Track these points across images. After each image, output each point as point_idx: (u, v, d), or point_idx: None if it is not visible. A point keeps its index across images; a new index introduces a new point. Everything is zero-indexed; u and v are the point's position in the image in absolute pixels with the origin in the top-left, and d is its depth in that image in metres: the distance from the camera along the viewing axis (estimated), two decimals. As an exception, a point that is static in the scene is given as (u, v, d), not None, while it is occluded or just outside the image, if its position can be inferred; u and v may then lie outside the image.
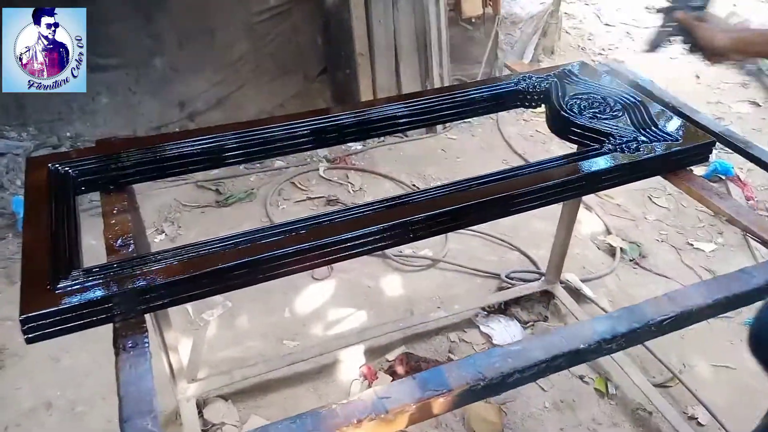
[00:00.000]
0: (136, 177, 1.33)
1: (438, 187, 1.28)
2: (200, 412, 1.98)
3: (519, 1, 4.20)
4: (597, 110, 1.54)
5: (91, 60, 3.15)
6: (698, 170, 3.17)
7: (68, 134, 3.32)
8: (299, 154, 3.38)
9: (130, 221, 1.20)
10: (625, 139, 1.41)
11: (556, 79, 1.67)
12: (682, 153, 1.41)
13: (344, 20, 3.46)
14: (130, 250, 1.12)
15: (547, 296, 2.47)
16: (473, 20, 4.02)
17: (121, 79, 3.31)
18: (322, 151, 3.48)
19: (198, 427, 1.91)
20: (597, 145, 1.42)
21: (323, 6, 3.69)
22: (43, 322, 0.93)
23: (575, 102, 1.57)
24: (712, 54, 1.29)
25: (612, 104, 1.56)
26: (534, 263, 2.71)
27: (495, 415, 2.02)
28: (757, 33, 1.23)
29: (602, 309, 2.47)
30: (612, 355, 2.13)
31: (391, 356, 2.24)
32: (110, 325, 0.99)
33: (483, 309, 2.44)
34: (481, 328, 2.37)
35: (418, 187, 3.21)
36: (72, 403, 2.06)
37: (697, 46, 1.32)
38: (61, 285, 0.97)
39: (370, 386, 2.10)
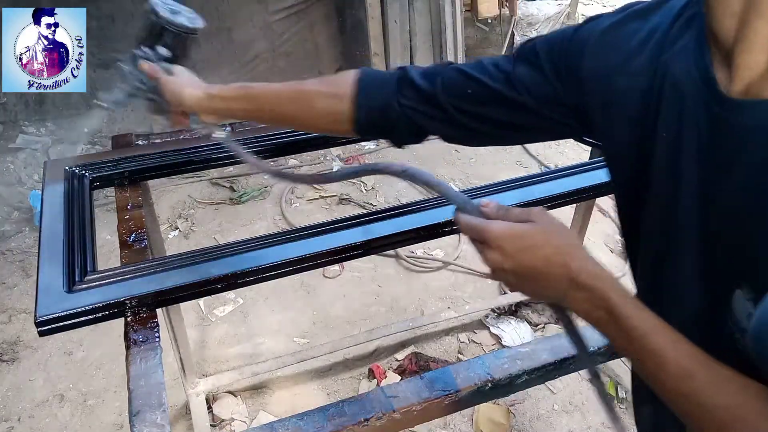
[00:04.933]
0: (151, 173, 1.34)
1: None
2: (210, 408, 2.00)
3: (535, 2, 4.18)
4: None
5: (110, 57, 3.23)
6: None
7: (86, 130, 3.36)
8: (312, 152, 3.39)
9: (144, 217, 1.21)
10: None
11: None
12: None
13: (360, 20, 3.47)
14: (143, 245, 1.13)
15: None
16: (489, 21, 4.02)
17: (139, 76, 3.34)
18: (336, 150, 3.49)
19: (207, 422, 1.92)
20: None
21: (339, 6, 3.70)
22: (55, 316, 0.94)
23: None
24: (180, 112, 1.08)
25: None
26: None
27: (503, 417, 2.01)
28: (232, 88, 1.04)
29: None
30: (623, 359, 2.11)
31: (400, 356, 2.24)
32: (122, 320, 1.00)
33: (493, 310, 2.43)
34: (491, 329, 2.36)
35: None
36: (84, 396, 2.08)
37: (163, 103, 1.11)
38: (75, 285, 0.98)
39: (378, 385, 2.10)
